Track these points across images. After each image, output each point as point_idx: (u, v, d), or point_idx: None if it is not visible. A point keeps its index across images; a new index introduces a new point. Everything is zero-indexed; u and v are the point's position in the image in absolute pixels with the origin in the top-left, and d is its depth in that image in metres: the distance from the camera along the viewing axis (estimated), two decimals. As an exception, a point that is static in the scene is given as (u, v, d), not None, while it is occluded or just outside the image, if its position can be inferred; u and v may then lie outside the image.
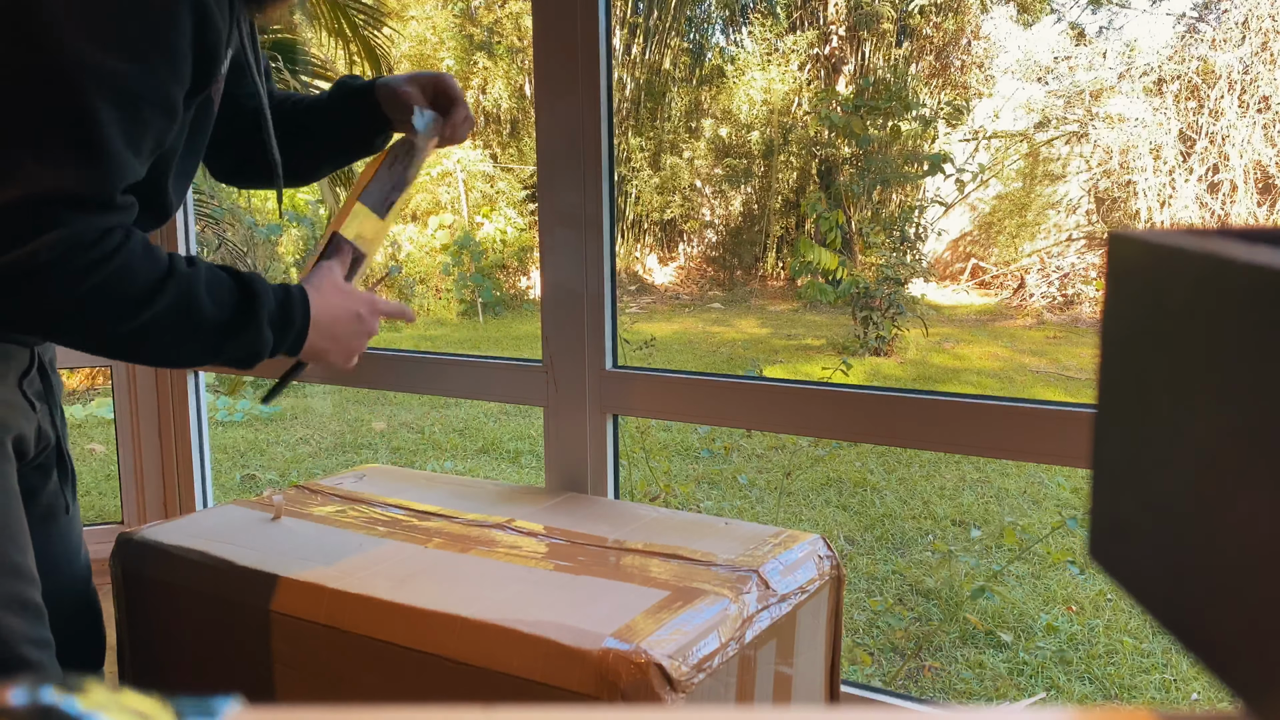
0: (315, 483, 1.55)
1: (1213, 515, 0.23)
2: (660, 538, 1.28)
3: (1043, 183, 8.09)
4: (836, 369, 3.60)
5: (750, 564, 1.18)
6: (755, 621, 1.09)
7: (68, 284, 0.85)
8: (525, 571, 1.16)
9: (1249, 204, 6.65)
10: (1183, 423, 0.24)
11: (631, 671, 0.93)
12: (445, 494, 1.49)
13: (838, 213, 6.61)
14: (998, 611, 2.82)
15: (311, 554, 1.23)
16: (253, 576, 1.18)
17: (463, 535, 1.29)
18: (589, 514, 1.40)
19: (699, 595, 1.08)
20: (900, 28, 8.49)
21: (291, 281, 1.07)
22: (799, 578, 1.20)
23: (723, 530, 1.31)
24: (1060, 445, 1.25)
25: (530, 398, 1.65)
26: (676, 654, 0.96)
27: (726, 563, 1.18)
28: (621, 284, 8.67)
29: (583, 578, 1.14)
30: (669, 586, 1.10)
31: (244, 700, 0.23)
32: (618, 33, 9.04)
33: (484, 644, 1.00)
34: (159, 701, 0.22)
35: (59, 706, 0.20)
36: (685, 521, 1.36)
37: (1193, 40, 7.05)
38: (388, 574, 1.15)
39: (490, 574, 1.15)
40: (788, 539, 1.27)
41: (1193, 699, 2.40)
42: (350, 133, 1.25)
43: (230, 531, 1.31)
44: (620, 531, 1.31)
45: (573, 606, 1.05)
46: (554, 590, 1.10)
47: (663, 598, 1.07)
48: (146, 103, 0.87)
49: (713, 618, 1.04)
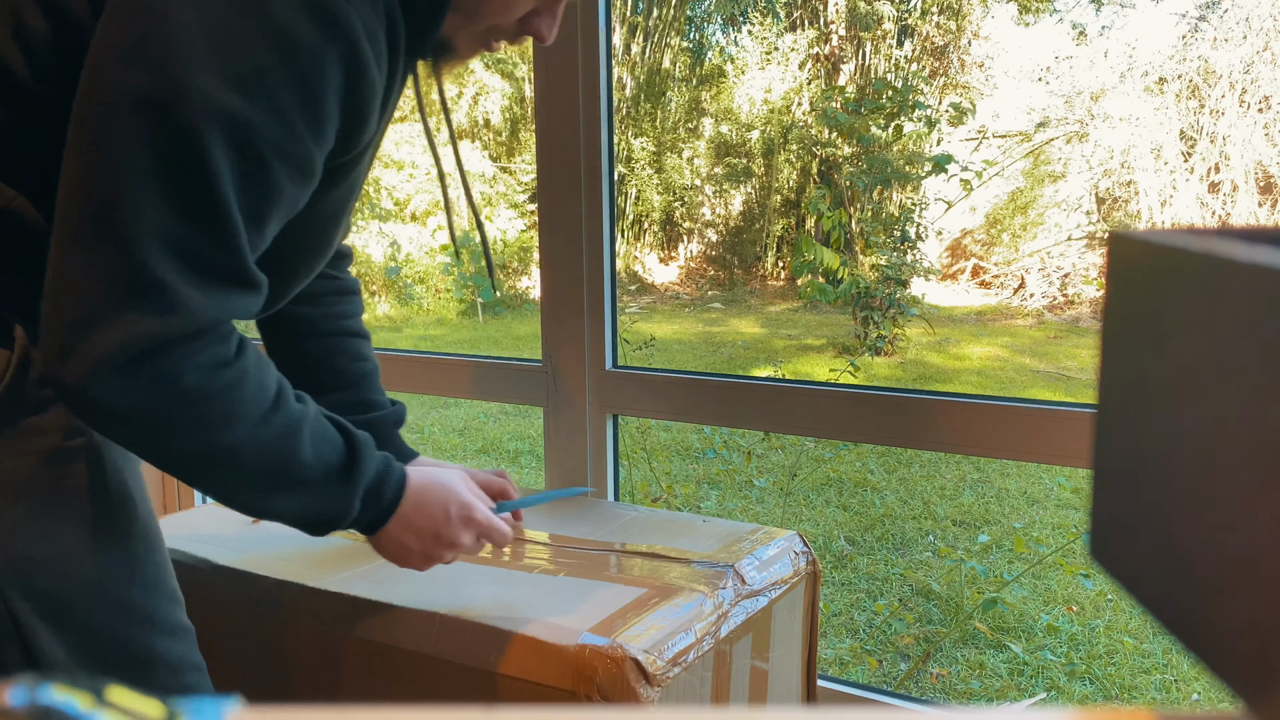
0: None
1: (1213, 515, 0.23)
2: (639, 537, 1.30)
3: (1043, 183, 8.09)
4: (844, 370, 3.60)
5: (726, 560, 1.19)
6: (730, 616, 1.10)
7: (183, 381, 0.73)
8: (502, 572, 1.17)
9: (1249, 204, 6.64)
10: (1182, 423, 0.24)
11: (608, 666, 0.94)
12: None
13: (840, 211, 6.61)
14: (998, 614, 2.82)
15: (290, 554, 1.24)
16: (231, 575, 1.19)
17: None
18: (570, 515, 1.41)
19: (675, 592, 1.10)
20: (901, 27, 8.49)
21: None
22: (774, 573, 1.21)
23: (700, 528, 1.33)
24: (1060, 445, 1.25)
25: (530, 398, 1.65)
26: (652, 648, 0.97)
27: (703, 559, 1.20)
28: (621, 284, 8.67)
29: (561, 578, 1.15)
30: (646, 584, 1.12)
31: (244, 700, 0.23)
32: (618, 32, 9.04)
33: (462, 641, 1.02)
34: (159, 701, 0.22)
35: (59, 706, 0.20)
36: (664, 520, 1.38)
37: (1194, 40, 7.04)
38: (367, 574, 1.16)
39: (469, 574, 1.16)
40: (763, 535, 1.29)
41: (1193, 699, 2.40)
42: (339, 400, 1.11)
43: (213, 532, 1.32)
44: (600, 532, 1.32)
45: (551, 605, 1.07)
46: (532, 590, 1.11)
47: (640, 595, 1.09)
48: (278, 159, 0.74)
49: (688, 613, 1.06)
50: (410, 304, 8.06)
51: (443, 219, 8.55)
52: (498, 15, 0.88)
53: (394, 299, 8.10)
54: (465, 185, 1.05)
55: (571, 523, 1.36)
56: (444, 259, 8.17)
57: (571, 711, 0.24)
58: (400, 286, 8.09)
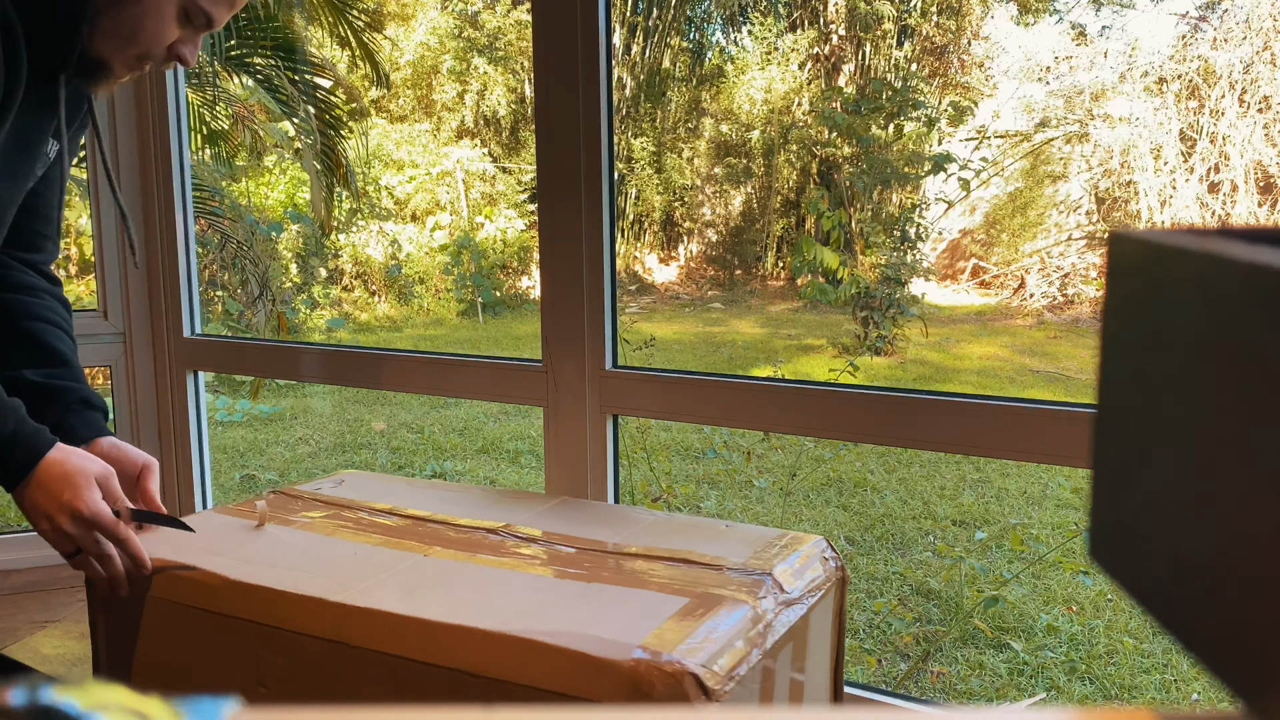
0: (294, 488, 1.48)
1: (1213, 515, 0.23)
2: (662, 541, 1.26)
3: (1043, 183, 8.10)
4: (844, 370, 3.60)
5: (762, 567, 1.15)
6: (775, 627, 1.06)
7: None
8: (533, 579, 1.12)
9: (1249, 204, 6.64)
10: (1183, 423, 0.24)
11: (666, 681, 0.90)
12: (434, 499, 1.44)
13: (840, 211, 6.61)
14: (998, 613, 2.82)
15: (305, 564, 1.17)
16: (243, 589, 1.12)
17: (462, 541, 1.25)
18: (587, 518, 1.37)
19: (718, 601, 1.05)
20: (900, 27, 8.49)
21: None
22: (809, 580, 1.18)
23: (725, 533, 1.29)
24: (1060, 445, 1.25)
25: (530, 398, 1.65)
26: (709, 662, 0.93)
27: (738, 566, 1.15)
28: (621, 284, 8.67)
29: (595, 585, 1.10)
30: (686, 592, 1.08)
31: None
32: (618, 32, 9.04)
33: (505, 656, 0.96)
34: (159, 701, 0.22)
35: (59, 706, 0.20)
36: (685, 524, 1.34)
37: (1194, 40, 7.04)
38: (392, 584, 1.10)
39: (498, 582, 1.11)
40: (792, 541, 1.25)
41: (1193, 699, 2.40)
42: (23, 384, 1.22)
43: (215, 541, 1.24)
44: (621, 535, 1.28)
45: (591, 615, 1.01)
46: (567, 598, 1.06)
47: (683, 604, 1.04)
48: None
49: (737, 623, 1.01)
50: (410, 304, 8.07)
51: (440, 218, 8.55)
52: (150, 43, 1.05)
53: (394, 299, 8.11)
54: (113, 185, 1.21)
55: (588, 526, 1.32)
56: (444, 259, 8.18)
57: (572, 712, 0.24)
58: (401, 286, 8.10)
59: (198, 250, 2.37)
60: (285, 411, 5.32)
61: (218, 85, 5.45)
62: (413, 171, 8.77)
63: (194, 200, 2.20)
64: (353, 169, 6.65)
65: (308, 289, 7.36)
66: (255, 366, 2.25)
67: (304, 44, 5.61)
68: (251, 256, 6.04)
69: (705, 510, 3.75)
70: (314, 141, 5.60)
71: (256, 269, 6.06)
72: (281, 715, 0.23)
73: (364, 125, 8.27)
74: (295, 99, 5.44)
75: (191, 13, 1.06)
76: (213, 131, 5.62)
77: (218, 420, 5.02)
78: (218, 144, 5.80)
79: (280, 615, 1.09)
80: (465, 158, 8.80)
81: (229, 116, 5.69)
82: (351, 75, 7.30)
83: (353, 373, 1.91)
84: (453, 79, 9.20)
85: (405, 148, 8.87)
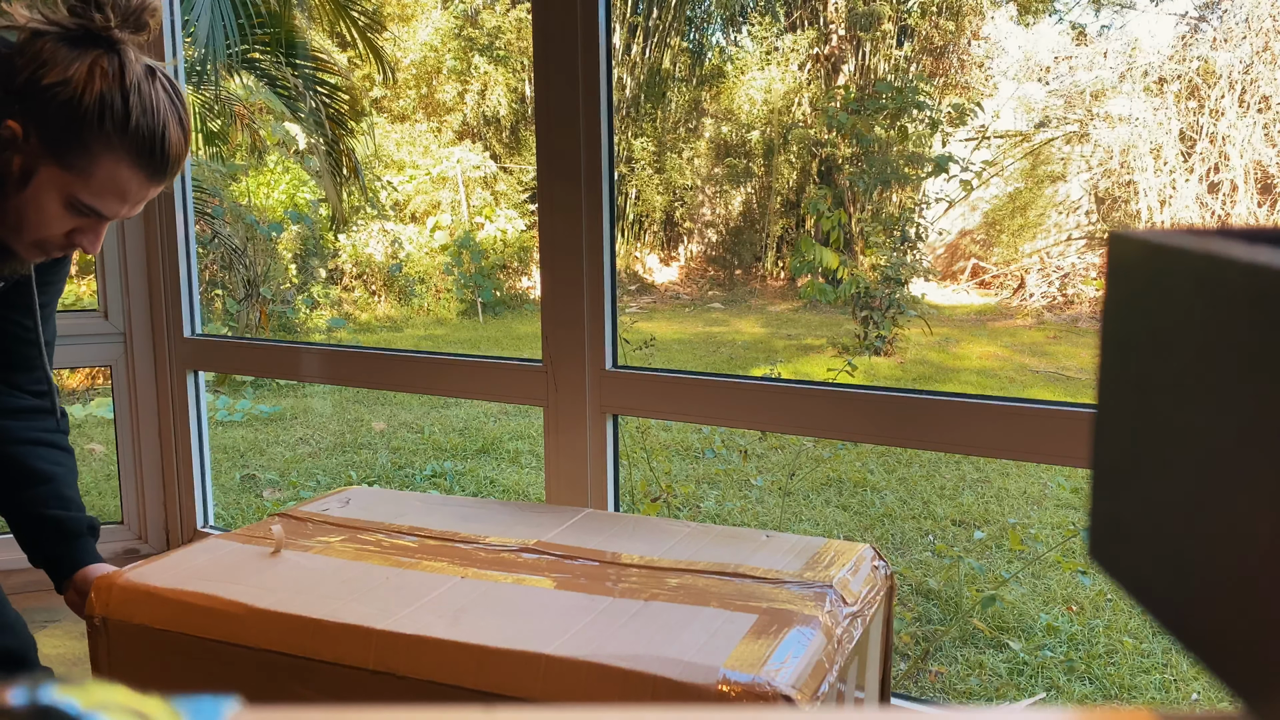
0: (300, 509, 1.41)
1: (1213, 515, 0.23)
2: (706, 554, 1.20)
3: (1043, 183, 8.10)
4: (842, 370, 3.60)
5: (821, 579, 1.11)
6: (844, 643, 1.02)
7: None
8: (585, 599, 1.05)
9: (1249, 204, 6.64)
10: (1182, 423, 0.24)
11: (759, 705, 0.86)
12: (450, 516, 1.37)
13: (840, 212, 6.61)
14: (998, 613, 2.82)
15: (336, 590, 1.08)
16: (271, 619, 1.04)
17: (496, 561, 1.18)
18: (619, 531, 1.30)
19: (789, 617, 1.00)
20: (900, 27, 8.49)
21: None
22: (867, 590, 1.14)
23: (768, 543, 1.24)
24: (1060, 445, 1.25)
25: (530, 398, 1.65)
26: (797, 681, 0.89)
27: (795, 578, 1.11)
28: (621, 284, 8.67)
29: (653, 604, 1.04)
30: (751, 609, 1.02)
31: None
32: (618, 32, 9.04)
33: (577, 684, 0.90)
34: (159, 701, 0.22)
35: (59, 706, 0.20)
36: (725, 535, 1.28)
37: (1194, 40, 7.04)
38: (435, 609, 1.02)
39: (548, 603, 1.04)
40: (840, 549, 1.21)
41: (1193, 699, 2.40)
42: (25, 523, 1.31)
43: (230, 570, 1.17)
44: (659, 550, 1.22)
45: (660, 636, 0.96)
46: (627, 618, 1.00)
47: (754, 621, 0.99)
48: None
49: (815, 641, 0.98)
50: (411, 304, 8.06)
51: (441, 218, 8.55)
52: (38, 232, 1.06)
53: (394, 299, 8.11)
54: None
55: (623, 540, 1.26)
56: (444, 259, 8.18)
57: (572, 712, 0.24)
58: (401, 285, 8.10)
59: (198, 251, 2.38)
60: (285, 411, 5.32)
61: (218, 85, 5.45)
62: (412, 172, 8.77)
63: (193, 200, 2.20)
64: (360, 165, 6.66)
65: (308, 289, 7.36)
66: (255, 366, 2.25)
67: (306, 40, 5.62)
68: (245, 261, 6.04)
69: (705, 510, 3.75)
70: (323, 137, 5.61)
71: (248, 271, 6.06)
72: (281, 715, 0.23)
73: (368, 122, 8.28)
74: (299, 94, 5.45)
75: (78, 205, 1.06)
76: (212, 132, 5.63)
77: (218, 420, 5.01)
78: (216, 144, 5.81)
79: (315, 646, 1.01)
80: (466, 158, 8.80)
81: (226, 115, 5.69)
82: (354, 74, 7.32)
83: (353, 372, 1.91)
84: (453, 78, 9.20)
85: (405, 148, 8.88)
